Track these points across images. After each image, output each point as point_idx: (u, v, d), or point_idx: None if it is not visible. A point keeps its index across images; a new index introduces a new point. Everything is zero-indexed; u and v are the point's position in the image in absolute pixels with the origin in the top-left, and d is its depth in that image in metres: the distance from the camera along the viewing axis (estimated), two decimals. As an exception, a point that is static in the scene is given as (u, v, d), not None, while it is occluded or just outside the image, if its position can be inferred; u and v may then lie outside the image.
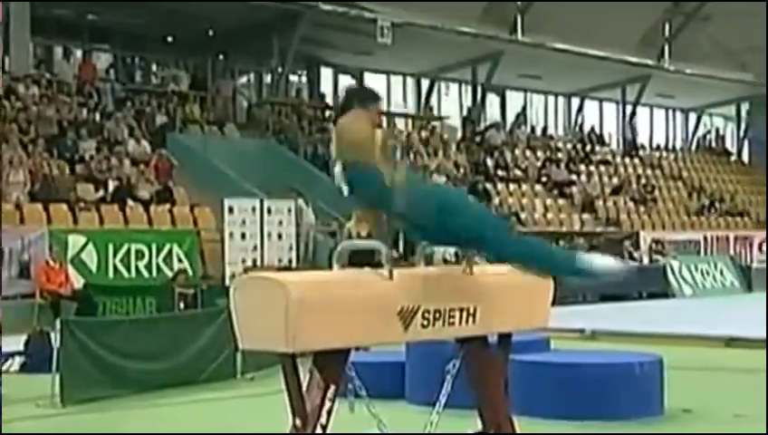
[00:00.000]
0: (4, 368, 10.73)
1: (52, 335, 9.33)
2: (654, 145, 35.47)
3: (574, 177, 28.74)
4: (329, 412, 4.36)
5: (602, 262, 4.81)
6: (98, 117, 21.72)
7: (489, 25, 28.18)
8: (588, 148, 31.43)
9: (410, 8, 25.91)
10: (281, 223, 18.38)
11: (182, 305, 14.93)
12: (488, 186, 25.80)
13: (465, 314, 4.75)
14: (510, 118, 32.93)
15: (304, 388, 4.35)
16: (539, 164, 28.80)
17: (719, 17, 30.45)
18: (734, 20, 29.93)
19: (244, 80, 29.20)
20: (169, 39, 26.14)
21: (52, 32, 24.41)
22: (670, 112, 38.43)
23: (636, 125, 34.55)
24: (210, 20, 24.69)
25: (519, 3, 28.57)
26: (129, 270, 16.91)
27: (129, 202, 18.60)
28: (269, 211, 18.22)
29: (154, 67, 27.51)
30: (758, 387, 9.55)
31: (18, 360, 10.92)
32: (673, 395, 8.12)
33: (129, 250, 16.94)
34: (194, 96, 24.91)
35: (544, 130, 32.47)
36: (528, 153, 29.45)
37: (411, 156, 25.75)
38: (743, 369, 10.68)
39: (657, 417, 7.83)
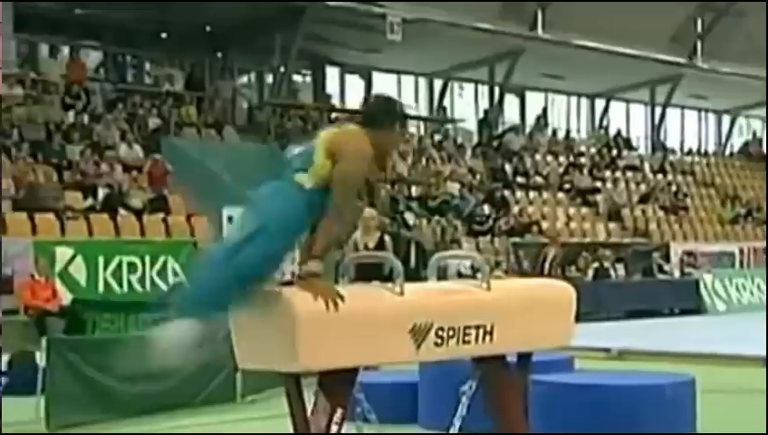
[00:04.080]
0: (-15, 390, 10.76)
1: (38, 355, 9.33)
2: (685, 150, 35.41)
3: (599, 184, 28.71)
4: (336, 437, 4.36)
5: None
6: (87, 119, 21.76)
7: (508, 21, 28.18)
8: (614, 152, 31.40)
9: (423, 3, 25.94)
10: (283, 233, 18.36)
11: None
12: (506, 193, 25.80)
13: (481, 331, 4.76)
14: (530, 120, 32.93)
15: (309, 411, 4.35)
16: (561, 170, 28.78)
17: (755, 12, 30.40)
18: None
19: (244, 80, 29.26)
20: (164, 35, 26.18)
21: (37, 27, 24.47)
22: (703, 114, 38.38)
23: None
24: (208, 15, 24.73)
25: (540, -3, 28.63)
26: (120, 284, 16.90)
27: (121, 211, 18.62)
28: (271, 221, 18.18)
29: (147, 66, 27.57)
30: (798, 411, 9.52)
31: (1, 381, 10.91)
32: (706, 419, 8.09)
33: (120, 263, 16.92)
34: (190, 97, 24.94)
35: (567, 133, 32.43)
36: (549, 158, 29.44)
37: (423, 162, 25.78)
38: (782, 391, 10.62)
39: (689, 442, 7.80)
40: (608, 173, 29.76)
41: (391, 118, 4.93)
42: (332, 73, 29.86)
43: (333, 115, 27.65)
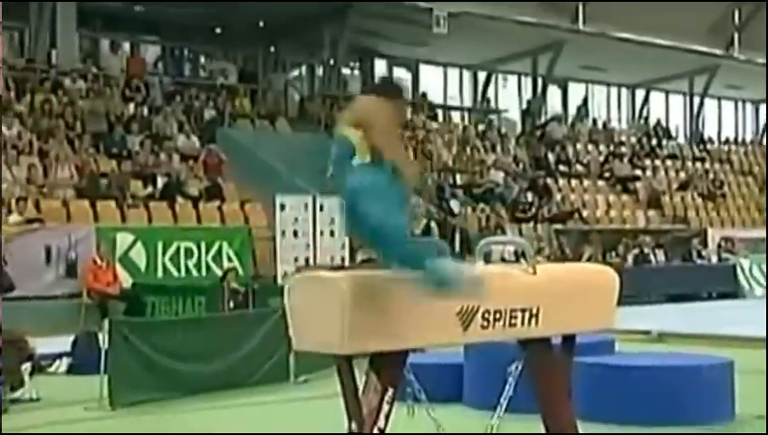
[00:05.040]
0: (51, 369, 10.88)
1: (100, 336, 9.41)
2: (723, 139, 35.09)
3: (639, 172, 28.53)
4: (386, 416, 4.35)
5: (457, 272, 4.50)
6: (146, 111, 21.88)
7: (550, 14, 28.02)
8: (653, 141, 31.18)
9: (468, -2, 25.87)
10: (333, 220, 18.38)
11: (232, 305, 14.99)
12: (549, 181, 25.70)
13: (527, 314, 4.74)
14: (572, 111, 32.76)
15: (361, 391, 4.35)
16: (602, 159, 28.62)
17: (792, 3, 30.06)
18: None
19: (295, 72, 29.31)
20: (218, 30, 26.28)
21: (98, 24, 24.67)
22: (740, 104, 38.01)
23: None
24: (260, 11, 24.78)
25: (581, -10, 28.42)
26: (178, 269, 17.02)
27: (179, 199, 18.72)
28: (321, 208, 18.21)
29: (203, 60, 27.69)
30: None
31: (66, 361, 11.03)
32: (744, 400, 8.02)
33: (178, 248, 17.03)
34: (244, 89, 25.02)
35: (607, 123, 32.22)
36: (590, 147, 29.27)
37: (468, 151, 25.72)
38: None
39: (727, 423, 7.74)
40: (647, 161, 29.56)
41: (400, 90, 5.14)
42: (380, 66, 29.83)
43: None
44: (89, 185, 18.13)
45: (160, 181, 19.10)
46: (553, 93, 32.48)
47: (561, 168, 27.24)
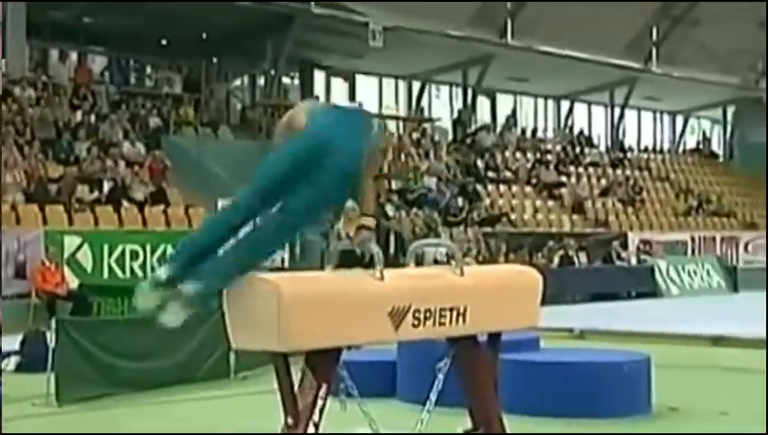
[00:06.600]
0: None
1: (48, 335, 9.30)
2: (642, 147, 35.51)
3: (564, 178, 28.75)
4: (321, 411, 4.36)
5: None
6: (93, 119, 21.66)
7: (479, 29, 28.18)
8: (577, 150, 31.46)
9: (402, 12, 25.90)
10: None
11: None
12: (478, 187, 25.82)
13: (455, 313, 4.75)
14: (500, 120, 32.95)
15: (296, 387, 4.35)
16: (529, 166, 28.80)
17: (707, 21, 30.49)
18: (722, 23, 29.99)
19: (237, 82, 29.17)
20: (164, 42, 26.10)
21: (47, 34, 24.38)
22: (658, 115, 38.48)
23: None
24: (204, 23, 24.67)
25: (509, 6, 28.58)
26: (123, 270, 16.88)
27: (124, 203, 18.58)
28: (262, 212, 18.17)
29: (148, 70, 27.49)
30: (743, 385, 9.58)
31: (14, 359, 10.89)
32: (660, 393, 8.13)
33: (123, 251, 16.90)
34: (188, 98, 24.89)
35: (534, 132, 32.48)
36: (518, 155, 29.45)
37: (402, 158, 25.78)
38: (729, 367, 10.69)
39: (644, 415, 7.83)
40: (571, 169, 29.79)
41: None
42: (319, 77, 29.78)
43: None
44: (37, 189, 17.92)
45: (107, 186, 18.92)
46: (483, 104, 32.65)
47: (491, 174, 27.40)
